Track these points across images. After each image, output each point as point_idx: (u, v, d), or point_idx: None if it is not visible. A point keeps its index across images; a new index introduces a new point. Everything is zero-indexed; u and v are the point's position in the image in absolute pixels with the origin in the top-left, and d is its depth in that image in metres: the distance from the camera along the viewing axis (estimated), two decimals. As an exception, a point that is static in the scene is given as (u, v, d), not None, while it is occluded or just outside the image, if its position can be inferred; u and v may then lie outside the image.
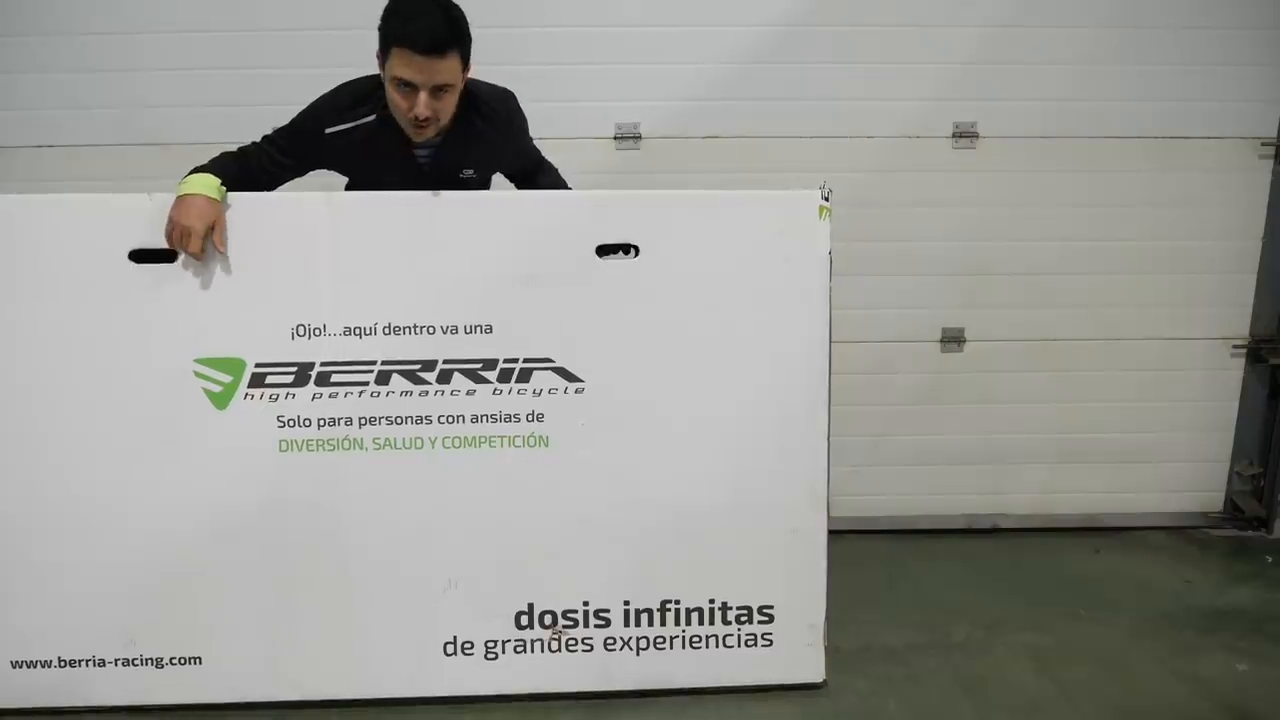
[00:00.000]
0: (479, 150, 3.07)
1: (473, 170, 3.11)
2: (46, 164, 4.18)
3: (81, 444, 2.91)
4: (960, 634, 3.62)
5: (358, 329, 2.91)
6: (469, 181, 3.11)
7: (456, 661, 3.07)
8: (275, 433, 2.93)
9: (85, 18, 4.09)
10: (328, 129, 2.96)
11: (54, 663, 2.99)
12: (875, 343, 4.42)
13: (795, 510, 3.07)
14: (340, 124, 2.96)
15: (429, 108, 2.80)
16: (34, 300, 2.86)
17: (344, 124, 2.96)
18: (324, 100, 3.00)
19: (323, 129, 2.96)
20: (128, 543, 2.95)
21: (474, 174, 3.12)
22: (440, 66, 2.76)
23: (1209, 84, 4.27)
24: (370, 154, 2.98)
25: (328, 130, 2.96)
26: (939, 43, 4.24)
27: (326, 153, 3.00)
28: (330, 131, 2.96)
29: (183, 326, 2.88)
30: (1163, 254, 4.42)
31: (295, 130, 3.01)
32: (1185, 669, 3.39)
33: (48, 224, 2.86)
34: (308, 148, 3.00)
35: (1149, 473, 4.61)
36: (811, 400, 3.04)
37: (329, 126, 2.96)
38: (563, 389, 2.97)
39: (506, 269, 2.95)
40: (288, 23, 4.09)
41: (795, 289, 3.00)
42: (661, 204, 3.02)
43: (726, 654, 3.12)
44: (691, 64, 4.24)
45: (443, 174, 3.03)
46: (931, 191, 4.35)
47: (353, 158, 3.02)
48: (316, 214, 2.87)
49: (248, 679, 3.04)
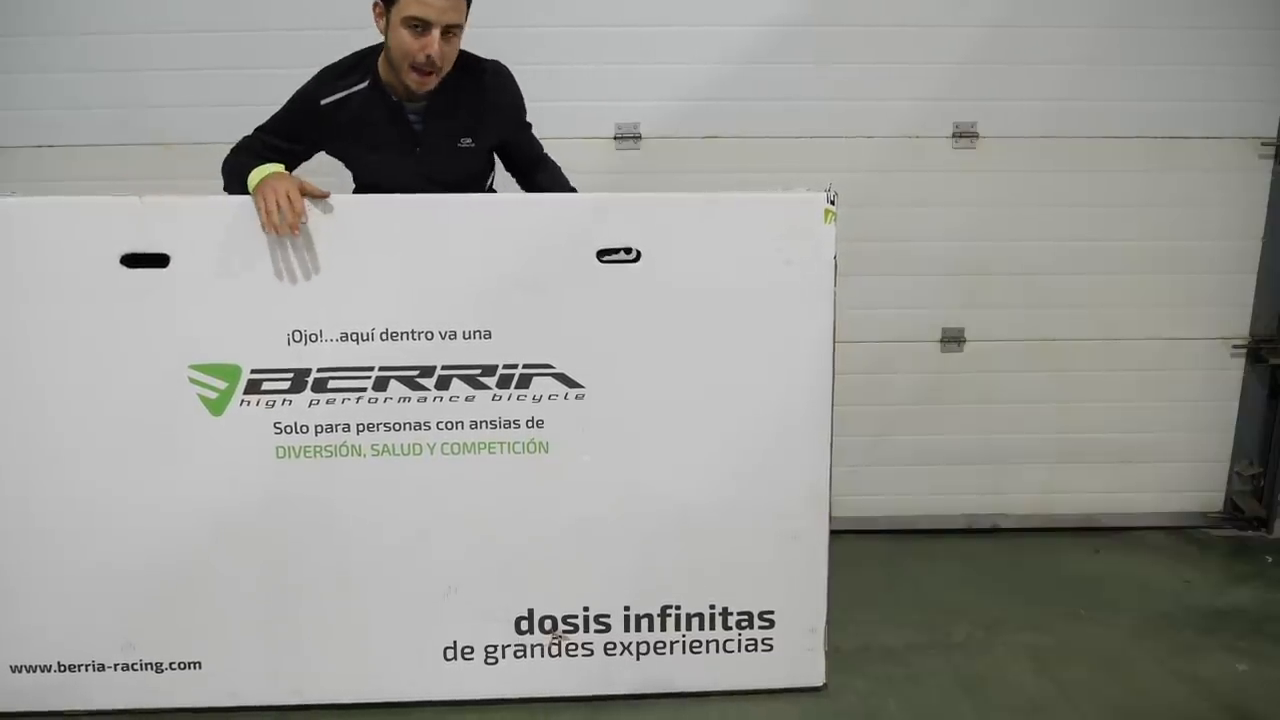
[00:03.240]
0: (470, 110, 3.08)
1: (470, 139, 3.12)
2: (47, 164, 4.17)
3: (77, 449, 2.90)
4: (960, 634, 3.62)
5: (355, 334, 2.89)
6: (468, 151, 3.13)
7: (456, 666, 3.07)
8: (272, 439, 2.92)
9: (85, 18, 4.08)
10: (323, 100, 3.00)
11: (53, 667, 2.99)
12: (875, 343, 4.41)
13: (797, 515, 3.07)
14: (334, 94, 3.01)
15: (440, 50, 2.85)
16: (24, 304, 2.84)
17: (338, 93, 3.01)
18: (312, 80, 3.05)
19: (318, 100, 3.01)
20: (126, 548, 2.95)
21: (472, 143, 3.13)
22: (452, 4, 2.83)
23: (1209, 84, 4.26)
24: (366, 120, 3.02)
25: (323, 101, 3.01)
26: (939, 43, 4.22)
27: (324, 128, 3.04)
28: (326, 102, 3.01)
29: (176, 332, 2.87)
30: (1163, 254, 4.41)
31: (291, 109, 3.05)
32: (1185, 669, 3.39)
33: (39, 226, 2.84)
34: (305, 124, 3.03)
35: (1149, 473, 4.60)
36: (814, 405, 3.02)
37: (324, 98, 3.01)
38: (563, 395, 2.95)
39: (505, 273, 2.92)
40: (291, 22, 4.08)
41: (799, 293, 2.98)
42: (663, 207, 3.00)
43: (726, 658, 3.12)
44: (691, 64, 4.23)
45: (439, 140, 3.07)
46: (931, 191, 4.34)
47: (349, 127, 3.04)
48: (312, 218, 2.85)
49: (247, 683, 3.04)
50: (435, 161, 3.08)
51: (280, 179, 2.83)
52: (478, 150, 3.18)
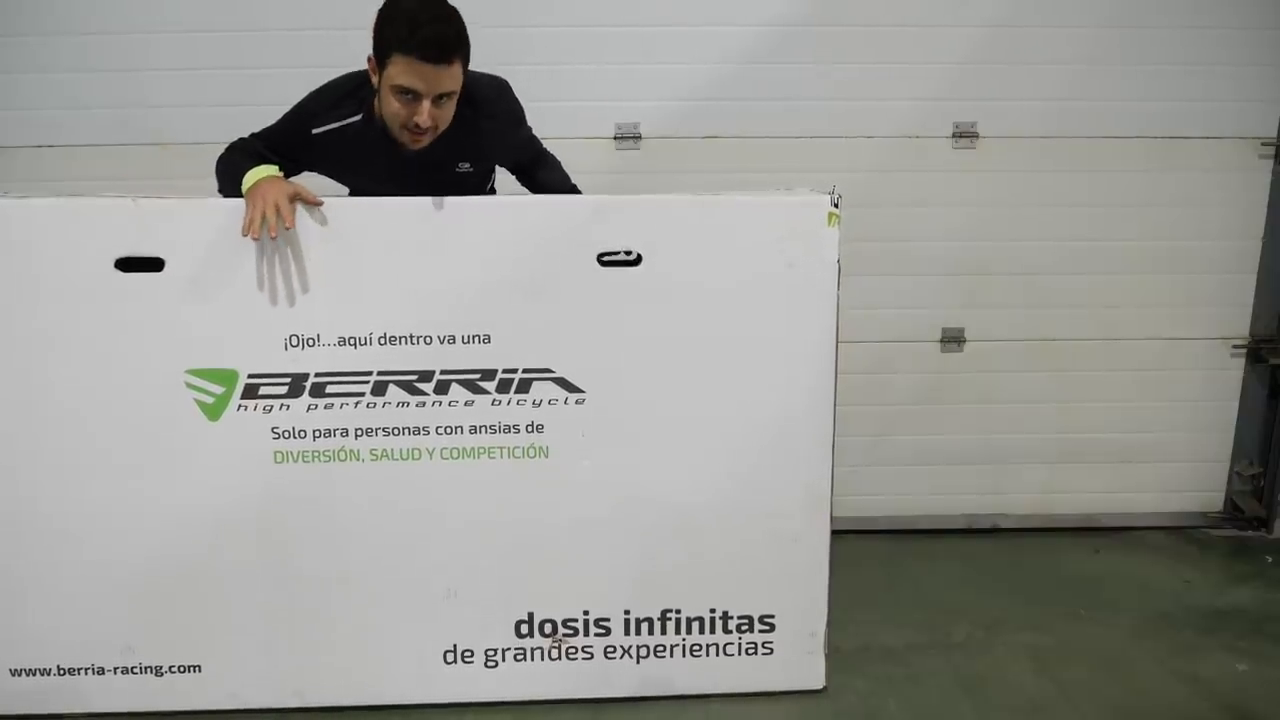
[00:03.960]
0: (472, 143, 3.02)
1: (469, 164, 3.06)
2: (47, 164, 4.17)
3: (76, 454, 2.89)
4: (960, 634, 3.62)
5: (352, 339, 2.87)
6: (466, 176, 3.07)
7: (456, 669, 3.08)
8: (270, 444, 2.91)
9: (85, 18, 4.08)
10: (314, 129, 2.93)
11: (53, 670, 3.00)
12: (875, 343, 4.40)
13: (798, 519, 3.06)
14: (327, 124, 2.93)
15: (431, 117, 2.76)
16: (19, 306, 2.83)
17: (330, 124, 2.93)
18: (307, 101, 2.97)
19: (309, 130, 2.93)
20: (126, 552, 2.95)
21: (470, 167, 3.07)
22: (446, 74, 2.72)
23: (1209, 84, 4.25)
24: (359, 153, 2.95)
25: (314, 131, 2.93)
26: (939, 43, 4.22)
27: (316, 153, 2.98)
28: (317, 132, 2.93)
29: (173, 336, 2.85)
30: (1163, 254, 4.40)
31: (283, 132, 2.98)
32: (1185, 669, 3.39)
33: (31, 227, 2.82)
34: (297, 149, 2.97)
35: (1149, 473, 4.60)
36: (815, 409, 3.01)
37: (315, 127, 2.93)
38: (563, 399, 2.94)
39: (504, 276, 2.90)
40: (290, 22, 4.08)
41: (803, 297, 2.96)
42: (664, 209, 2.96)
43: (727, 662, 3.12)
44: (691, 64, 4.22)
45: (436, 168, 2.99)
46: (931, 191, 4.34)
47: (342, 157, 2.99)
48: (309, 221, 2.84)
49: (247, 686, 3.05)
50: (433, 186, 2.96)
51: (274, 185, 2.79)
52: (478, 170, 3.13)
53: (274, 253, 2.83)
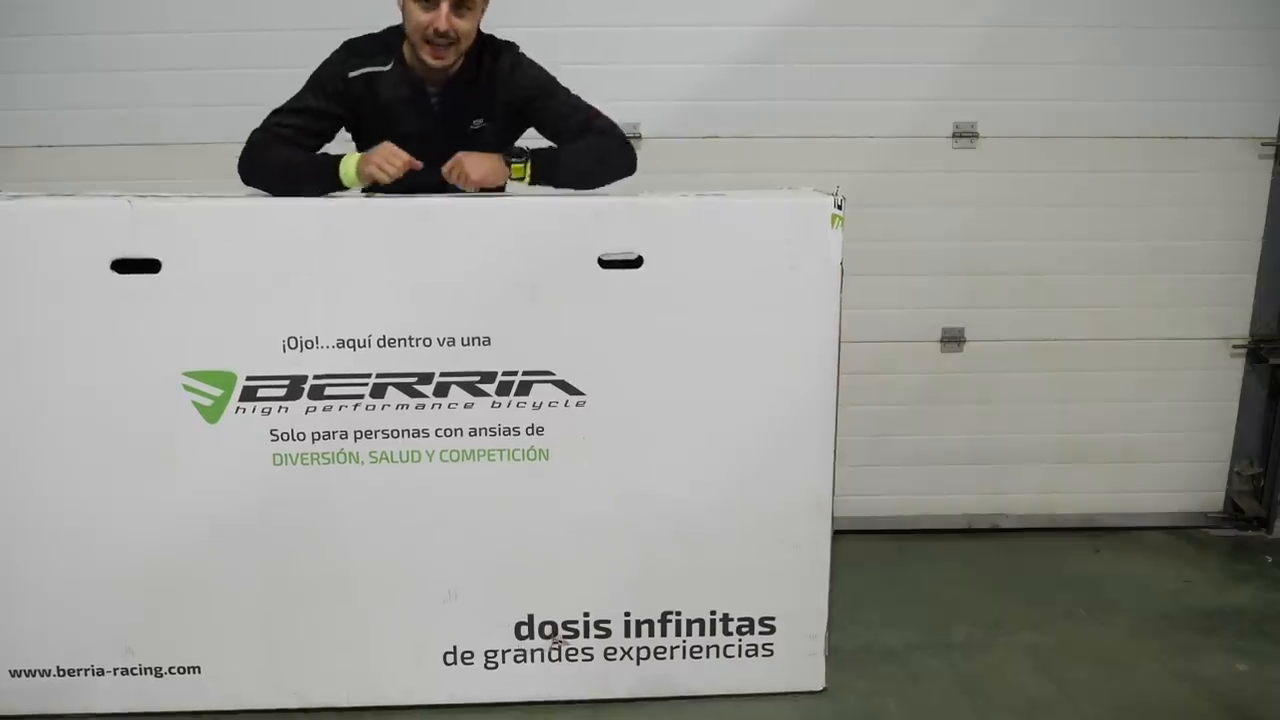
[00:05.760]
0: (483, 89, 3.08)
1: (483, 120, 3.11)
2: (47, 164, 4.18)
3: (75, 456, 2.88)
4: (960, 634, 3.62)
5: (351, 341, 2.86)
6: (480, 133, 3.12)
7: (456, 670, 3.08)
8: (269, 446, 2.90)
9: (85, 18, 4.09)
10: (350, 73, 3.05)
11: (53, 671, 3.00)
12: (875, 343, 4.40)
13: (799, 521, 3.05)
14: (361, 68, 3.05)
15: (449, 21, 2.85)
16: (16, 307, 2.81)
17: (364, 69, 3.05)
18: (343, 47, 3.11)
19: (346, 72, 3.05)
20: (125, 554, 2.95)
21: (484, 124, 3.12)
22: None
23: (1209, 84, 4.26)
24: (387, 102, 3.06)
25: (351, 74, 3.04)
26: (939, 43, 4.23)
27: (349, 99, 3.06)
28: (353, 75, 3.05)
29: (170, 338, 2.84)
30: (1163, 254, 4.41)
31: (320, 76, 3.07)
32: (1185, 669, 3.39)
33: (27, 228, 2.80)
34: (330, 97, 3.06)
35: (1149, 473, 4.61)
36: (817, 412, 3.00)
37: (351, 70, 3.05)
38: (563, 402, 2.93)
39: (505, 278, 2.88)
40: (290, 23, 4.09)
41: (805, 299, 2.93)
42: (665, 210, 2.93)
43: (727, 664, 3.12)
44: (691, 64, 4.23)
45: (453, 121, 3.08)
46: (931, 191, 4.34)
47: (369, 103, 3.07)
48: (309, 221, 2.84)
49: (247, 687, 3.05)
50: (451, 145, 3.00)
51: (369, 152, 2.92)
52: (490, 132, 3.14)
53: (273, 253, 2.83)
